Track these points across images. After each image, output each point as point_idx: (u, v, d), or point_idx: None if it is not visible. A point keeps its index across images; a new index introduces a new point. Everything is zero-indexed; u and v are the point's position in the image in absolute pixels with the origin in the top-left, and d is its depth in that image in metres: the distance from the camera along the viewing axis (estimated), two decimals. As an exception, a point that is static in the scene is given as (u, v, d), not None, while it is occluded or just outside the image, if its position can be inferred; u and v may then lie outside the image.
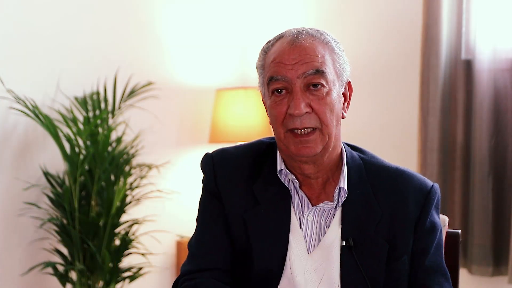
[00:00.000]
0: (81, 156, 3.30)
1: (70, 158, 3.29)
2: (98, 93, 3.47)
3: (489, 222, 3.32)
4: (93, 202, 3.33)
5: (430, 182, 1.76)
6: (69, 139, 3.30)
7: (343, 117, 1.72)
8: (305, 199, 1.73)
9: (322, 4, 4.02)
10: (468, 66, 3.40)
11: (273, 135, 1.75)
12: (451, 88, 3.43)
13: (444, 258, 1.76)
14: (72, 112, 3.37)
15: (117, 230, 3.39)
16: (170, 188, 3.76)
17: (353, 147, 1.81)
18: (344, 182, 1.71)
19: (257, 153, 1.78)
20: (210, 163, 1.78)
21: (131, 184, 3.45)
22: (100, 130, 3.37)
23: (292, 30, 1.72)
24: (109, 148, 3.39)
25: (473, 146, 3.36)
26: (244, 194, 1.74)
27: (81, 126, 3.37)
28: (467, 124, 3.39)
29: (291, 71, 1.66)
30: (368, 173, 1.74)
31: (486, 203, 3.32)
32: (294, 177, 1.72)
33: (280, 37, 1.72)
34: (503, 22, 3.33)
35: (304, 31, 1.70)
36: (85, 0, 3.63)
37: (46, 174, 3.38)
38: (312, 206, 1.72)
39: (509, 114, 3.32)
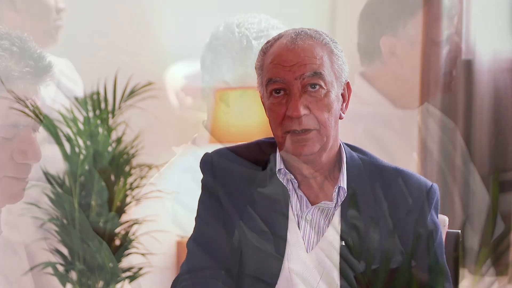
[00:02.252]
0: (81, 156, 3.29)
1: (70, 158, 3.29)
2: (98, 93, 3.46)
3: (489, 222, 3.31)
4: (93, 202, 3.33)
5: (429, 182, 1.76)
6: (69, 139, 3.30)
7: (341, 117, 1.73)
8: (304, 198, 1.73)
9: (322, 4, 4.01)
10: (468, 66, 3.40)
11: (272, 135, 1.75)
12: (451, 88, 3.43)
13: (444, 258, 1.76)
14: (72, 112, 3.36)
15: (117, 230, 3.39)
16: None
17: (353, 147, 1.81)
18: (343, 182, 1.72)
19: (256, 153, 1.79)
20: (209, 162, 1.79)
21: (131, 184, 3.44)
22: (100, 130, 3.36)
23: (291, 31, 1.72)
24: (109, 148, 3.38)
25: (473, 146, 3.35)
26: (243, 194, 1.74)
27: (81, 126, 3.36)
28: (467, 124, 3.38)
29: (289, 73, 1.66)
30: (368, 173, 1.75)
31: (486, 203, 3.32)
32: (292, 177, 1.73)
33: (278, 38, 1.72)
34: (503, 22, 3.33)
35: (303, 32, 1.70)
36: (85, 0, 3.63)
37: (46, 174, 3.37)
38: (311, 205, 1.73)
39: (509, 114, 3.32)
